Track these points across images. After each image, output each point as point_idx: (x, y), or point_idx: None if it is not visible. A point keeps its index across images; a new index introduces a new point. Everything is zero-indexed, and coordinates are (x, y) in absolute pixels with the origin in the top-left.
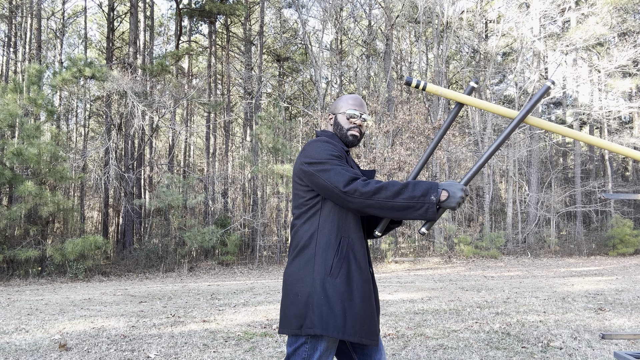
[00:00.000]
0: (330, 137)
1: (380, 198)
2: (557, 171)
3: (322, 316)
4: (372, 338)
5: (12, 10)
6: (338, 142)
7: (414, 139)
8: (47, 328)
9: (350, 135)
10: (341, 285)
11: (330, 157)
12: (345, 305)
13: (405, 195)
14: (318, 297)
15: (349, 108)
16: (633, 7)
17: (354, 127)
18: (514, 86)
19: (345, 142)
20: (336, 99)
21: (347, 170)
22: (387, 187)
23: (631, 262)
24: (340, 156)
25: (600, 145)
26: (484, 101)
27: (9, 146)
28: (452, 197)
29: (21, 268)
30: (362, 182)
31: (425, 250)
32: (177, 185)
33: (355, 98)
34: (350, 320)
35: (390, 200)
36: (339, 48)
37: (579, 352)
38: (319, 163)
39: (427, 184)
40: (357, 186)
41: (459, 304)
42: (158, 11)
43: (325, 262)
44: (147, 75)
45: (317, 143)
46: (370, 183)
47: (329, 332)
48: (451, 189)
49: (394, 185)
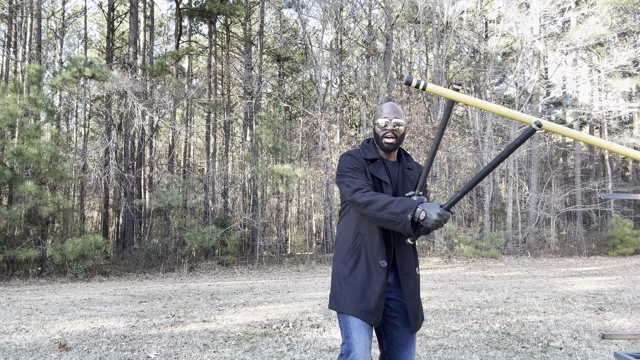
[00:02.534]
0: (364, 146)
1: (370, 209)
2: (557, 171)
3: (335, 294)
4: (366, 318)
5: (12, 10)
6: (370, 151)
7: (414, 139)
8: (47, 328)
9: (385, 143)
10: (347, 270)
11: (347, 169)
12: (348, 285)
13: (388, 210)
14: (334, 279)
15: (379, 118)
16: (633, 7)
17: (388, 134)
18: (514, 86)
19: (382, 147)
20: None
21: (354, 182)
22: (376, 200)
23: (631, 262)
24: (357, 168)
25: (600, 145)
26: (483, 101)
27: (9, 146)
28: (428, 218)
29: (21, 268)
30: (360, 194)
31: (425, 250)
32: (177, 185)
33: (387, 106)
34: (348, 299)
35: (377, 213)
36: (339, 48)
37: (579, 352)
38: (339, 175)
39: (409, 203)
40: (356, 197)
41: (459, 304)
42: (158, 11)
43: (342, 252)
44: (147, 75)
45: (343, 157)
46: (366, 195)
47: (334, 307)
48: (429, 211)
49: (383, 199)
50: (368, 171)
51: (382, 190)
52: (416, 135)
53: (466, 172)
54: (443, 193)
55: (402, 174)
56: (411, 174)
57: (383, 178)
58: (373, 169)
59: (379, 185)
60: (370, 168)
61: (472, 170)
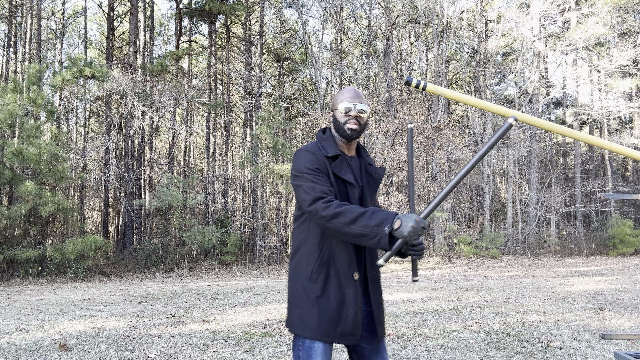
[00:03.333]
0: (321, 139)
1: (337, 223)
2: (557, 171)
3: (301, 317)
4: (349, 339)
5: (12, 10)
6: (330, 145)
7: (414, 139)
8: (47, 328)
9: (347, 129)
10: (318, 290)
11: (306, 170)
12: (320, 308)
13: (360, 223)
14: (298, 299)
15: (343, 102)
16: (633, 7)
17: (351, 120)
18: (514, 86)
19: (344, 136)
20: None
21: (314, 188)
22: (345, 212)
23: (631, 262)
24: (317, 169)
25: (600, 145)
26: (483, 101)
27: (9, 146)
28: (403, 226)
29: (21, 268)
30: (323, 205)
31: (425, 250)
32: (177, 185)
33: (349, 90)
34: (324, 322)
35: (346, 227)
36: (339, 48)
37: (579, 352)
38: (296, 176)
39: (384, 214)
40: (318, 208)
41: (459, 304)
42: (158, 11)
43: (307, 267)
44: (147, 75)
45: (299, 153)
46: (331, 206)
47: (304, 333)
48: (404, 219)
49: (353, 211)
50: (330, 171)
51: (347, 192)
52: (416, 135)
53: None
54: None
55: (365, 171)
56: (375, 171)
57: (347, 178)
58: (336, 167)
59: (342, 188)
60: (332, 167)
61: (472, 170)
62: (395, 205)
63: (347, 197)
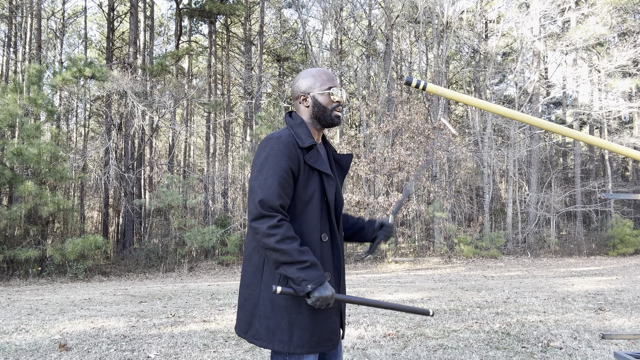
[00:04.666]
0: (294, 125)
1: (272, 255)
2: (557, 171)
3: (269, 329)
4: (324, 346)
5: (12, 10)
6: (305, 134)
7: (414, 139)
8: (47, 328)
9: (335, 117)
10: (289, 298)
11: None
12: (292, 318)
13: (291, 269)
14: (265, 308)
15: (328, 85)
16: (633, 7)
17: (338, 106)
18: (514, 86)
19: (328, 124)
20: (301, 76)
21: (271, 198)
22: (285, 252)
23: (631, 262)
24: (288, 171)
25: (600, 145)
26: (483, 101)
27: (9, 146)
28: (318, 290)
29: (21, 268)
30: (267, 229)
31: (425, 250)
32: (177, 185)
33: (327, 72)
34: (297, 333)
35: (278, 264)
36: (339, 48)
37: (579, 352)
38: (260, 171)
39: (317, 274)
40: (261, 228)
41: (459, 304)
42: (158, 11)
43: (272, 272)
44: (147, 75)
45: (272, 143)
46: (276, 235)
47: (274, 346)
48: (324, 290)
49: (292, 254)
50: (302, 165)
51: (323, 185)
52: (416, 135)
53: (466, 172)
54: (443, 193)
55: (334, 160)
56: (342, 159)
57: (325, 169)
58: (311, 158)
59: (318, 181)
60: (307, 158)
61: (472, 170)
62: (395, 205)
63: (323, 191)
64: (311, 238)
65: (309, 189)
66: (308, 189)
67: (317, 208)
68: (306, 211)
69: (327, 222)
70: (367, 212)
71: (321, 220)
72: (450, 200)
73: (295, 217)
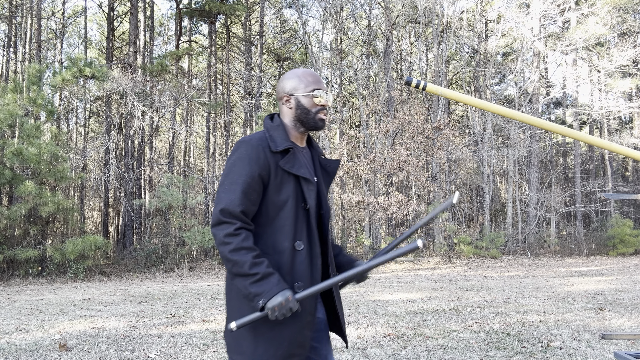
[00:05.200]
0: (270, 128)
1: (226, 266)
2: (557, 171)
3: (235, 338)
4: (293, 357)
5: (12, 10)
6: (281, 137)
7: (414, 139)
8: (47, 328)
9: (319, 120)
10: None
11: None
12: (258, 330)
13: (244, 282)
14: (232, 317)
15: (313, 87)
16: (633, 7)
17: (322, 110)
18: (514, 86)
19: (312, 127)
20: (286, 77)
21: (233, 205)
22: (237, 262)
23: (631, 262)
24: (253, 178)
25: (600, 145)
26: (483, 101)
27: (9, 146)
28: (272, 300)
29: (21, 268)
30: (223, 237)
31: (425, 250)
32: (177, 185)
33: (313, 74)
34: (262, 346)
35: (233, 274)
36: (339, 48)
37: (579, 352)
38: (226, 175)
39: (269, 286)
40: (218, 235)
41: (459, 304)
42: (158, 11)
43: None
44: (147, 75)
45: (242, 147)
46: (231, 244)
47: (238, 358)
48: (277, 297)
49: (243, 265)
50: (272, 170)
51: (302, 190)
52: (416, 135)
53: (466, 172)
54: (443, 193)
55: (319, 164)
56: (328, 164)
57: (302, 174)
58: (287, 163)
59: (295, 186)
60: (282, 163)
61: (472, 170)
62: (395, 205)
63: (302, 196)
64: (283, 246)
65: (283, 194)
66: (281, 194)
67: (292, 214)
68: (279, 217)
69: (304, 229)
70: (367, 212)
71: (296, 227)
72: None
73: (268, 223)
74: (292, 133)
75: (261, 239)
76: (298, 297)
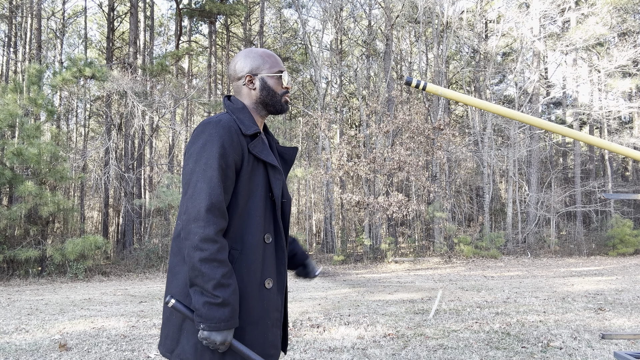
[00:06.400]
0: (235, 110)
1: (189, 272)
2: (557, 171)
3: (197, 347)
4: (269, 358)
5: (12, 10)
6: (249, 120)
7: (414, 139)
8: (47, 328)
9: (284, 102)
10: None
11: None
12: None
13: (200, 299)
14: (193, 323)
15: (278, 68)
16: (633, 7)
17: (287, 92)
18: (514, 86)
19: (279, 110)
20: (244, 55)
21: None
22: (203, 275)
23: (631, 262)
24: (228, 165)
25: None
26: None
27: (9, 146)
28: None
29: (21, 268)
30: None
31: (425, 250)
32: (177, 185)
33: (275, 55)
34: (229, 353)
35: (190, 283)
36: (339, 48)
37: (579, 352)
38: (196, 162)
39: (222, 315)
40: (196, 235)
41: (459, 304)
42: (158, 11)
43: None
44: (147, 75)
45: (211, 129)
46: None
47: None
48: (219, 335)
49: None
50: (246, 155)
51: (269, 180)
52: (416, 135)
53: (466, 172)
54: (443, 193)
55: (277, 152)
56: (286, 152)
57: (271, 161)
58: (255, 147)
59: (263, 174)
60: (251, 147)
61: (472, 170)
62: (395, 205)
63: (269, 186)
64: (254, 239)
65: (253, 183)
66: (252, 182)
67: (261, 205)
68: (248, 208)
69: (271, 220)
70: (367, 212)
71: (265, 219)
72: (450, 200)
73: (237, 214)
74: (254, 116)
75: (229, 231)
76: (233, 346)
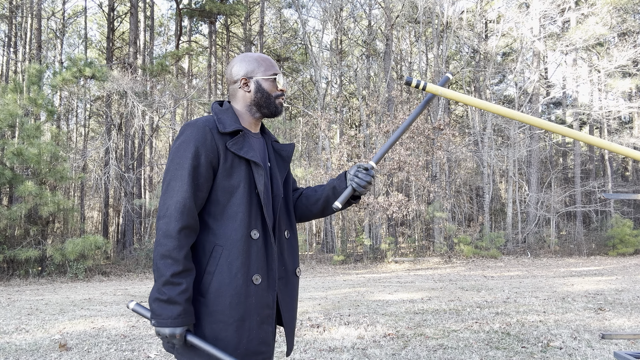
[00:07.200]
0: (218, 111)
1: (153, 268)
2: (557, 171)
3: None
4: (257, 355)
5: (12, 10)
6: (230, 119)
7: (414, 139)
8: (47, 328)
9: (279, 104)
10: (211, 304)
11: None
12: (214, 328)
13: (152, 296)
14: None
15: (273, 71)
16: (633, 7)
17: (282, 95)
18: (514, 86)
19: (273, 113)
20: (240, 59)
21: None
22: (157, 268)
23: (631, 262)
24: (198, 165)
25: (600, 145)
26: (483, 101)
27: (9, 146)
28: (162, 329)
29: (21, 268)
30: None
31: (425, 250)
32: None
33: (270, 58)
34: (219, 346)
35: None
36: (339, 48)
37: (579, 352)
38: (171, 161)
39: (171, 312)
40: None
41: (459, 304)
42: (158, 11)
43: (195, 277)
44: (147, 75)
45: (186, 130)
46: (164, 247)
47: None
48: (170, 331)
49: (162, 275)
50: (222, 153)
51: (252, 175)
52: (416, 135)
53: (466, 172)
54: (443, 193)
55: (272, 149)
56: (283, 148)
57: (250, 157)
58: (235, 145)
59: (245, 170)
60: (230, 145)
61: (472, 170)
62: (395, 205)
63: (252, 181)
64: (238, 235)
65: (234, 179)
66: (232, 178)
67: (245, 201)
68: (231, 204)
69: (258, 216)
70: (367, 212)
71: (250, 215)
72: (450, 200)
73: (219, 211)
74: (245, 118)
75: (213, 229)
76: (189, 340)
